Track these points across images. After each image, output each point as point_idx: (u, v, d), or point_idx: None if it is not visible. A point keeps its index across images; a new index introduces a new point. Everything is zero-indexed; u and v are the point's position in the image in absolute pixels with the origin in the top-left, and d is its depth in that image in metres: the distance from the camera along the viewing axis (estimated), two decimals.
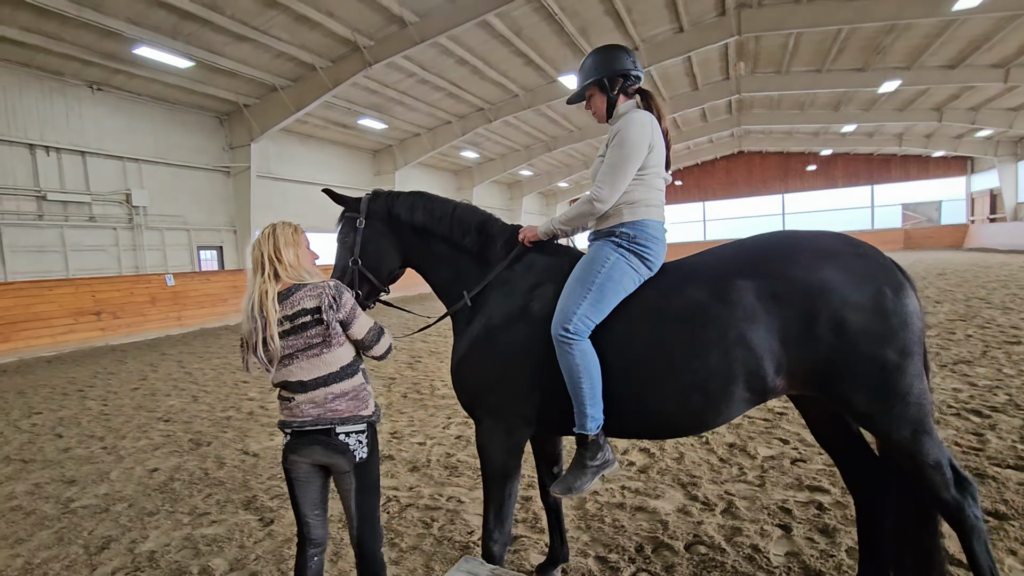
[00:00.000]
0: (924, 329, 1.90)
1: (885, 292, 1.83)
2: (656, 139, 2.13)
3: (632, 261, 2.10)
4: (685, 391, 1.95)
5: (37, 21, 10.43)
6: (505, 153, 27.69)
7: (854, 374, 1.83)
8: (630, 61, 2.23)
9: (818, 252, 1.92)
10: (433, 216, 2.40)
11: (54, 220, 12.37)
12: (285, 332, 1.92)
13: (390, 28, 13.50)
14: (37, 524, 3.54)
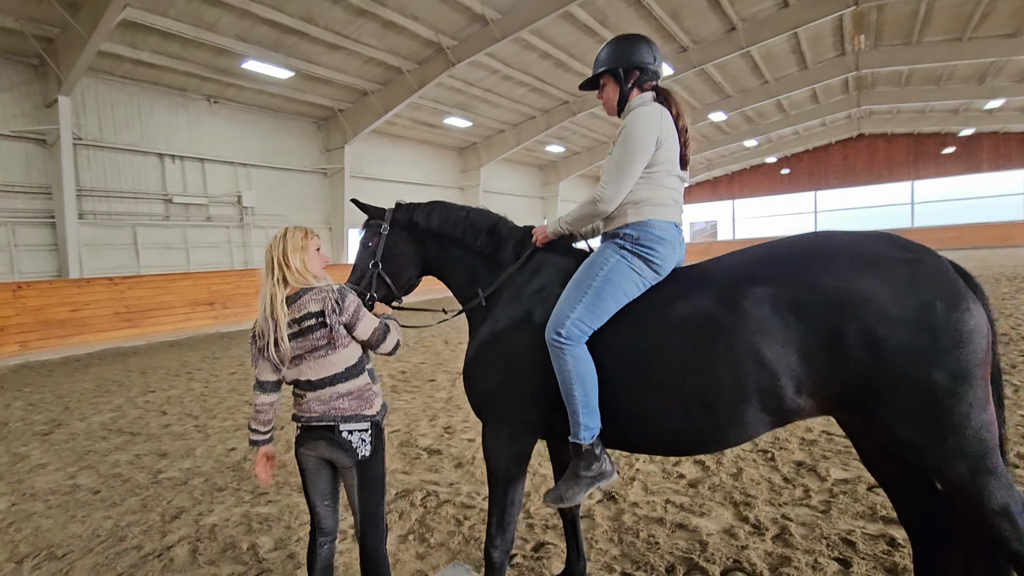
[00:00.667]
0: (989, 350, 1.58)
1: (934, 305, 1.55)
2: (667, 134, 1.99)
3: (635, 264, 1.96)
4: (687, 407, 1.78)
5: (164, 44, 11.81)
6: (592, 146, 27.18)
7: (894, 398, 1.57)
8: (650, 54, 2.10)
9: (856, 257, 1.67)
10: (448, 221, 2.42)
11: (178, 220, 14.01)
12: (293, 335, 1.99)
13: (472, 27, 13.70)
14: (129, 491, 3.96)
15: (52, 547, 3.19)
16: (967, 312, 1.55)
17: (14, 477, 4.32)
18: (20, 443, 5.17)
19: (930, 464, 1.58)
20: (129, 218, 13.04)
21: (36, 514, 3.64)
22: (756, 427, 1.76)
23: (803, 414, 1.74)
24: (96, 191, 12.44)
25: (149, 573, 2.87)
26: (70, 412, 6.20)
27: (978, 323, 1.55)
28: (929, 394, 1.53)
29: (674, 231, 2.03)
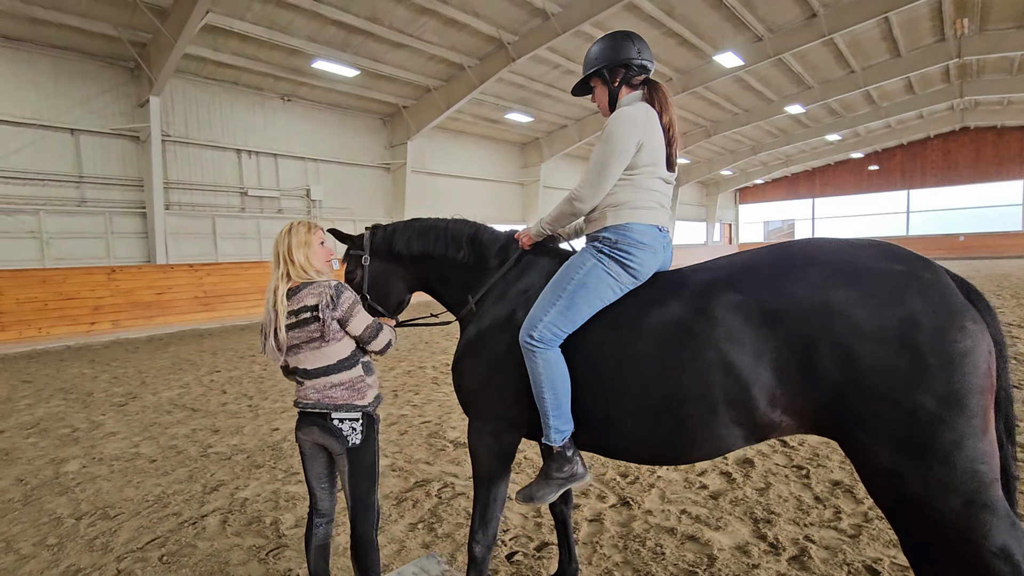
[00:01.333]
0: (991, 374, 1.42)
1: (919, 321, 1.42)
2: (650, 136, 1.95)
3: (612, 268, 1.92)
4: (655, 414, 1.74)
5: (242, 46, 12.61)
6: None
7: (873, 420, 1.45)
8: (634, 50, 2.06)
9: (836, 267, 1.57)
10: (428, 240, 2.42)
11: (252, 212, 14.96)
12: (291, 325, 2.09)
13: (533, 22, 13.64)
14: (180, 463, 4.28)
15: (107, 507, 3.51)
16: (961, 331, 1.40)
17: (89, 442, 4.78)
18: (99, 412, 5.71)
19: (915, 494, 1.43)
20: (209, 209, 14.09)
21: (100, 477, 4.01)
22: (729, 440, 1.69)
23: (781, 430, 1.65)
24: (181, 184, 13.53)
25: (183, 538, 3.09)
26: (145, 386, 6.78)
27: (975, 344, 1.40)
28: (911, 418, 1.40)
29: (655, 235, 1.97)
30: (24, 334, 10.11)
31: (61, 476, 4.04)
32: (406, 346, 9.06)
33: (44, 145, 11.36)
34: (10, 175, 10.95)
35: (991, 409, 1.41)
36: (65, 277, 10.72)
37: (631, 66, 2.06)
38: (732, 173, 35.14)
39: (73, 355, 9.23)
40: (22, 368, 8.18)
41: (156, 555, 2.93)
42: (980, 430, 1.38)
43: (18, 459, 4.42)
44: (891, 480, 1.46)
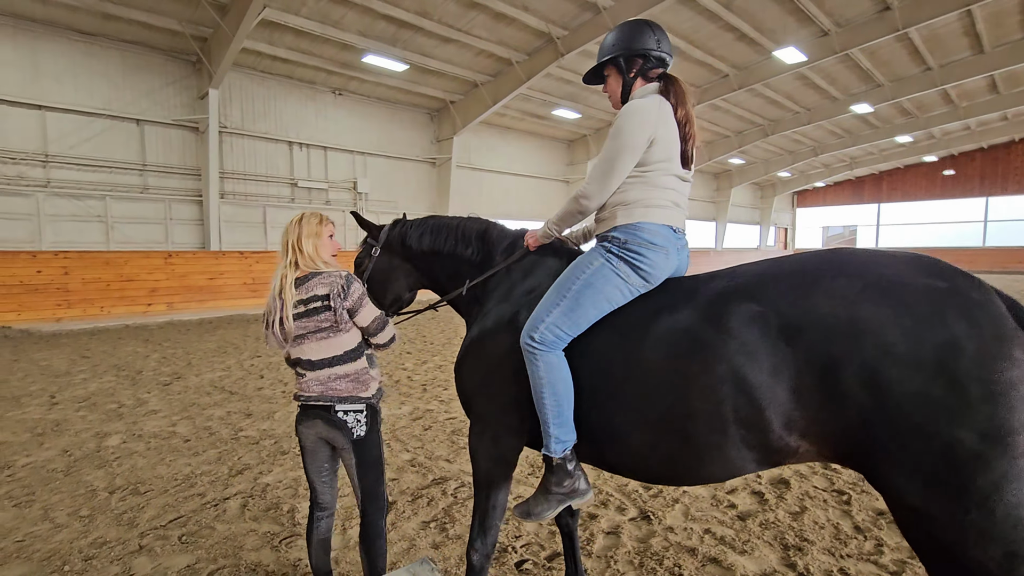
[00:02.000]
0: None
1: (962, 346, 1.24)
2: (663, 131, 1.82)
3: (621, 269, 1.79)
4: (658, 430, 1.60)
5: (296, 41, 12.96)
6: (712, 140, 25.51)
7: (902, 454, 1.28)
8: (653, 40, 1.93)
9: (870, 278, 1.39)
10: (439, 236, 2.37)
11: (301, 203, 15.40)
12: (299, 315, 2.07)
13: (584, 16, 13.39)
14: (211, 444, 4.40)
15: (139, 483, 3.63)
16: (1009, 360, 1.21)
17: (131, 419, 4.99)
18: (144, 390, 5.97)
19: (949, 540, 1.25)
20: (260, 199, 14.60)
21: (136, 453, 4.17)
22: (739, 463, 1.53)
23: (797, 456, 1.49)
24: (235, 174, 14.07)
25: (203, 519, 3.15)
26: (190, 368, 7.06)
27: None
28: (947, 454, 1.22)
29: (669, 236, 1.84)
30: (88, 312, 10.77)
31: (102, 450, 4.22)
32: (441, 340, 9.08)
33: (112, 134, 12.05)
34: (81, 162, 11.69)
35: None
36: (126, 260, 11.35)
37: (649, 57, 1.93)
38: (790, 175, 33.63)
39: (130, 334, 9.74)
40: (83, 344, 8.70)
41: (176, 534, 2.99)
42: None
43: (67, 431, 4.65)
44: (923, 522, 1.29)
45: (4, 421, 4.88)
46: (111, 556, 2.77)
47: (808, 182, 34.72)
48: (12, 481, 3.66)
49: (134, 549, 2.83)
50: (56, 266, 10.50)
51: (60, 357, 7.67)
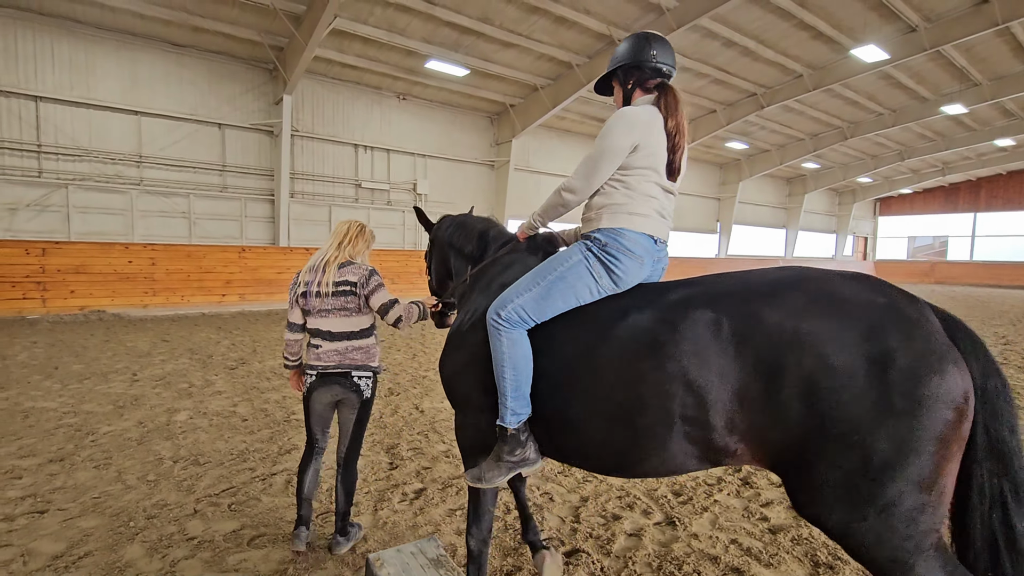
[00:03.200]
0: (960, 425, 1.31)
1: (893, 358, 1.31)
2: (648, 139, 1.89)
3: (595, 270, 1.88)
4: (610, 420, 1.70)
5: (364, 48, 13.56)
6: (784, 143, 24.36)
7: (823, 457, 1.36)
8: (650, 52, 2.01)
9: (818, 294, 1.48)
10: (456, 232, 2.61)
11: (364, 203, 16.06)
12: (332, 293, 2.56)
13: (647, 17, 13.19)
14: (266, 424, 4.71)
15: (199, 455, 3.95)
16: (937, 374, 1.29)
17: (199, 398, 5.41)
18: (213, 372, 6.45)
19: (846, 541, 1.37)
20: (327, 199, 15.36)
21: (200, 428, 4.53)
22: (682, 459, 1.63)
23: (735, 458, 1.57)
24: (304, 175, 14.88)
25: (251, 492, 3.39)
26: (255, 355, 7.55)
27: (949, 391, 1.29)
28: (865, 463, 1.31)
29: (649, 246, 1.91)
30: (170, 300, 11.73)
31: (171, 424, 4.62)
32: None
33: (197, 137, 13.09)
34: (170, 163, 12.76)
35: (949, 462, 1.31)
36: (205, 253, 12.27)
37: (644, 68, 2.02)
38: (872, 180, 31.50)
39: (205, 321, 10.53)
40: (164, 329, 9.49)
41: (227, 502, 3.24)
42: (928, 483, 1.29)
43: (143, 405, 5.12)
44: (826, 524, 1.40)
45: (92, 394, 5.43)
46: (169, 517, 3.04)
47: (893, 188, 32.37)
48: (94, 446, 4.08)
49: (189, 512, 3.10)
50: (145, 257, 11.52)
51: (144, 340, 8.41)
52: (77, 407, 5.00)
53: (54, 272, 10.56)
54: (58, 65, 11.53)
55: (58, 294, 10.56)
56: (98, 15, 11.45)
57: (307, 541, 2.68)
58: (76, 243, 11.10)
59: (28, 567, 2.54)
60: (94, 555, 2.64)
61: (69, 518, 3.01)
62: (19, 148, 11.26)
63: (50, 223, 11.53)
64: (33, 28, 11.26)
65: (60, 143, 11.64)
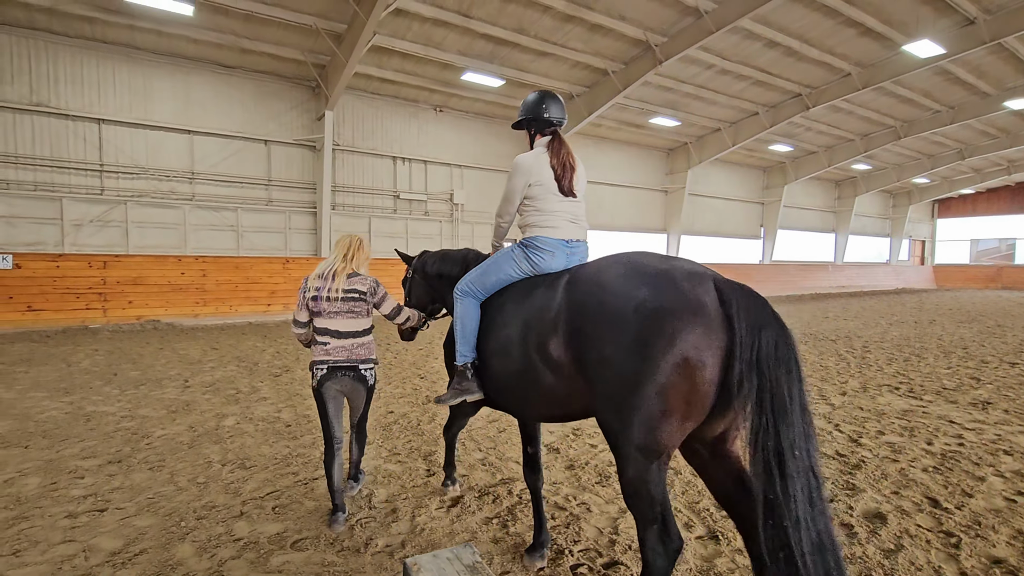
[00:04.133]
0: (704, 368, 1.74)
1: (644, 305, 1.84)
2: (539, 175, 2.61)
3: (517, 257, 2.61)
4: (499, 350, 2.46)
5: (402, 63, 13.89)
6: (832, 144, 23.52)
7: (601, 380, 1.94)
8: (543, 109, 2.71)
9: (625, 272, 2.02)
10: (442, 262, 3.32)
11: (402, 214, 16.37)
12: (341, 298, 3.03)
13: (684, 21, 13.05)
14: (308, 431, 4.83)
15: (245, 459, 4.08)
16: (676, 319, 1.76)
17: (246, 403, 5.60)
18: (259, 379, 6.67)
19: (612, 439, 1.93)
20: (366, 210, 15.74)
21: (246, 433, 4.68)
22: (544, 380, 2.23)
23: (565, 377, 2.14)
24: (345, 187, 15.31)
25: (294, 495, 3.48)
26: (297, 362, 7.76)
27: (686, 337, 1.73)
28: (623, 381, 1.82)
29: (558, 245, 2.57)
30: (219, 310, 12.23)
31: (220, 428, 4.79)
32: None
33: (244, 154, 13.66)
34: (219, 179, 13.36)
35: (685, 401, 1.73)
36: (252, 264, 12.75)
37: (540, 120, 2.73)
38: (929, 181, 30.04)
39: (251, 330, 10.92)
40: (214, 337, 9.89)
41: (271, 505, 3.33)
42: (659, 409, 1.74)
43: (194, 410, 5.33)
44: (602, 426, 1.97)
45: (148, 399, 5.70)
46: (218, 518, 3.14)
47: (953, 189, 30.73)
48: (149, 449, 4.27)
49: (236, 514, 3.19)
50: (196, 269, 12.06)
51: (195, 348, 8.78)
52: (134, 411, 5.25)
53: (114, 284, 11.19)
54: (119, 89, 12.28)
55: (117, 304, 11.17)
56: (155, 41, 12.15)
57: (343, 524, 3.07)
58: (134, 256, 11.73)
59: (89, 562, 2.67)
60: (148, 553, 2.76)
61: (126, 517, 3.15)
62: (84, 168, 12.02)
63: (111, 237, 12.23)
64: (97, 56, 12.04)
65: (120, 162, 12.36)
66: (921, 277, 32.88)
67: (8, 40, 11.35)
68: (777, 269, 25.76)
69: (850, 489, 3.55)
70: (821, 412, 5.36)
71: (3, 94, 11.36)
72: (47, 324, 10.47)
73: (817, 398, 5.90)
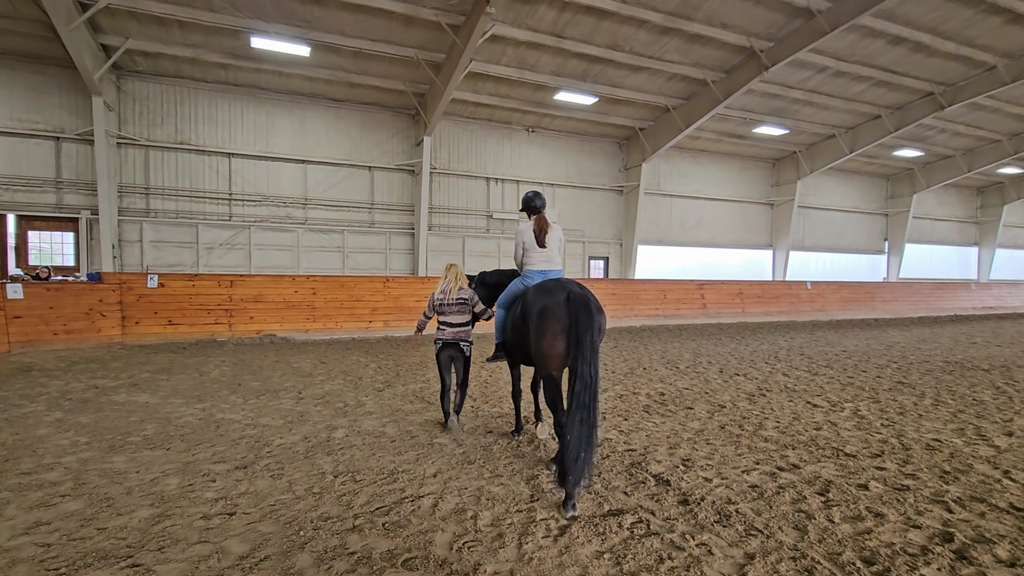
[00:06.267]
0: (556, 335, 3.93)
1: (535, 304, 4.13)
2: (527, 238, 4.81)
3: (522, 282, 4.82)
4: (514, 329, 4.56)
5: (496, 87, 14.25)
6: (973, 147, 20.97)
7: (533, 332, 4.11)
8: (532, 202, 4.93)
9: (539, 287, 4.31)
10: (493, 275, 5.58)
11: (495, 233, 16.69)
12: (452, 303, 5.13)
13: (793, 24, 12.29)
14: (412, 446, 4.88)
15: (355, 472, 4.18)
16: (545, 312, 3.99)
17: (352, 416, 5.82)
18: (363, 393, 6.93)
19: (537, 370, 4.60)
20: (461, 230, 16.20)
21: (355, 446, 4.83)
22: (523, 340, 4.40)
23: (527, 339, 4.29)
24: (441, 209, 15.88)
25: (402, 512, 3.49)
26: (398, 378, 8.00)
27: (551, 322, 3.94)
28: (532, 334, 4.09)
29: (536, 274, 4.75)
30: (327, 326, 13.03)
31: (331, 440, 4.98)
32: (623, 369, 8.86)
33: (350, 180, 14.63)
34: (328, 203, 14.39)
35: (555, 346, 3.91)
36: (356, 283, 13.50)
37: (530, 208, 4.93)
38: None
39: (355, 346, 11.49)
40: (322, 352, 10.51)
41: (381, 521, 3.35)
42: (544, 354, 3.95)
43: (307, 421, 5.61)
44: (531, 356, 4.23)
45: (267, 409, 6.09)
46: (332, 530, 3.21)
47: None
48: (270, 456, 4.52)
49: (349, 527, 3.24)
50: (307, 288, 12.98)
51: (306, 361, 9.36)
52: (255, 420, 5.63)
53: (239, 301, 12.31)
54: (246, 126, 13.67)
55: (240, 320, 12.27)
56: (276, 81, 13.42)
57: (455, 420, 5.20)
58: (255, 276, 12.87)
59: (221, 563, 2.80)
60: (272, 560, 2.85)
61: (251, 522, 3.30)
62: (216, 197, 13.44)
63: (236, 259, 13.51)
64: (229, 98, 13.51)
65: (245, 191, 13.69)
66: None
67: (160, 89, 13.06)
68: (906, 288, 23.08)
69: None
70: (982, 455, 4.59)
71: (155, 135, 13.04)
72: (184, 337, 11.71)
73: (974, 437, 5.09)
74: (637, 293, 16.14)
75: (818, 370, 8.80)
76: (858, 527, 3.25)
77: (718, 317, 16.99)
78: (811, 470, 4.22)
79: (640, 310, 16.06)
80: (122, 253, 13.25)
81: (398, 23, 11.50)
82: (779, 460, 4.46)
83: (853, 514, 3.42)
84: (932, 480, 4.01)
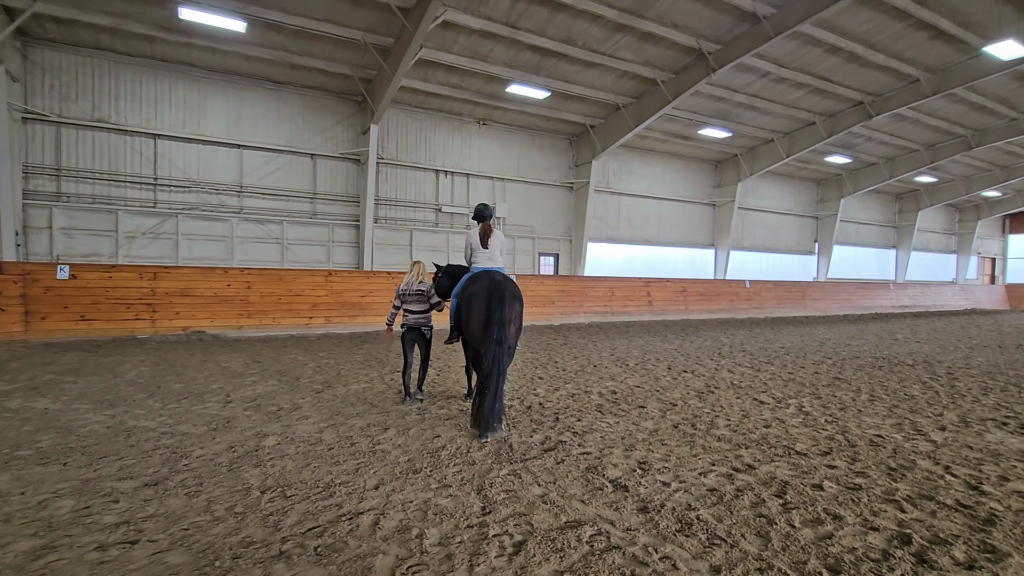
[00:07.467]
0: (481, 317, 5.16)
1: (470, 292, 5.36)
2: (474, 240, 5.91)
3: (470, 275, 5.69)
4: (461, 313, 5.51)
5: (447, 76, 13.82)
6: (894, 155, 22.34)
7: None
8: (481, 211, 5.99)
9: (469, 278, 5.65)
10: (452, 268, 6.39)
11: (444, 227, 16.25)
12: (413, 293, 6.18)
13: (740, 27, 12.54)
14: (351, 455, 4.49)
15: (286, 486, 3.76)
16: (474, 297, 5.30)
17: (287, 422, 5.34)
18: (300, 396, 6.44)
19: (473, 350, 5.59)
20: (408, 223, 15.69)
21: (287, 456, 4.38)
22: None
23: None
24: (387, 201, 15.30)
25: (338, 532, 3.12)
26: (339, 378, 7.52)
27: (478, 305, 5.22)
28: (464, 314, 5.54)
29: (480, 270, 5.68)
30: (263, 322, 12.24)
31: (260, 449, 4.51)
32: (574, 367, 8.73)
33: (291, 168, 13.81)
34: (266, 192, 13.53)
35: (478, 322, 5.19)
36: (295, 277, 12.77)
37: (479, 216, 5.98)
38: (1001, 195, 28.23)
39: (293, 343, 10.82)
40: (256, 350, 9.80)
41: (313, 544, 2.97)
42: (471, 329, 5.29)
43: (234, 428, 5.09)
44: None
45: (189, 414, 5.51)
46: (255, 558, 2.81)
47: None
48: (187, 470, 4.01)
49: (275, 554, 2.85)
50: (241, 281, 12.14)
51: (237, 360, 8.68)
52: (174, 428, 5.06)
53: (163, 295, 11.34)
54: (175, 105, 12.61)
55: (165, 315, 11.30)
56: (210, 58, 12.44)
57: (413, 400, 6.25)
58: (182, 268, 11.90)
59: None
60: None
61: (158, 551, 2.85)
62: (139, 181, 12.33)
63: (161, 249, 12.46)
64: (156, 74, 12.41)
65: (173, 176, 12.64)
66: (992, 297, 30.68)
67: (74, 60, 11.82)
68: (834, 287, 24.42)
69: (990, 552, 2.94)
70: (922, 450, 4.70)
71: (68, 111, 11.80)
72: (98, 333, 10.65)
73: (912, 433, 5.23)
74: (586, 290, 16.16)
75: (760, 366, 8.99)
76: (819, 531, 3.16)
77: (663, 314, 17.30)
78: (766, 470, 4.16)
79: (589, 307, 16.09)
80: (27, 241, 11.92)
81: (344, 2, 10.87)
82: (734, 460, 4.38)
83: (812, 517, 3.34)
84: (881, 478, 4.03)
